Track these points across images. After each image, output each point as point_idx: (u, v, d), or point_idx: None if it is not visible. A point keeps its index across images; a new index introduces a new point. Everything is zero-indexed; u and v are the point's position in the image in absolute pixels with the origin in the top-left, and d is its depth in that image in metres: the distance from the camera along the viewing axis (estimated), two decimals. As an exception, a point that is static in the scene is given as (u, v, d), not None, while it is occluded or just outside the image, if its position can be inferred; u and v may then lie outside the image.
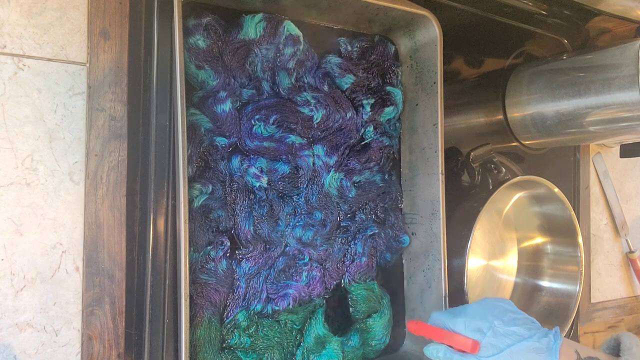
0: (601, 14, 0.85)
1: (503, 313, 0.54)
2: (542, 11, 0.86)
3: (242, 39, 0.58)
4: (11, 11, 0.50)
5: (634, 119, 0.67)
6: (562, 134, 0.77)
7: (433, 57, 0.66)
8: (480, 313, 0.54)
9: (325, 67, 0.64)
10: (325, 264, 0.64)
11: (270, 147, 0.60)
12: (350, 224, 0.66)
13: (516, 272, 0.90)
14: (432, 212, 0.66)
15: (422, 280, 0.68)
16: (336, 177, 0.64)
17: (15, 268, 0.49)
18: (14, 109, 0.49)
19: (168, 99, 0.51)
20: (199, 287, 0.55)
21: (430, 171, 0.67)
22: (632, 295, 1.13)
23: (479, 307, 0.55)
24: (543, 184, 0.79)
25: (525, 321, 0.54)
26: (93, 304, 0.52)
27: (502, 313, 0.54)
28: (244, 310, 0.57)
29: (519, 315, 0.54)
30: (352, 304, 0.66)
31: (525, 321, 0.54)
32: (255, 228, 0.59)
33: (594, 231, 1.05)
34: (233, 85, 0.57)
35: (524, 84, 0.79)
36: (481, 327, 0.53)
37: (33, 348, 0.50)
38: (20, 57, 0.50)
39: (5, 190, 0.49)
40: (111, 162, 0.53)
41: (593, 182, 1.05)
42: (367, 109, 0.66)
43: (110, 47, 0.53)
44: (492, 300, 0.57)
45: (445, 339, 0.54)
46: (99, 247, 0.52)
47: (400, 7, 0.62)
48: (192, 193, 0.54)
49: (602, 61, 0.69)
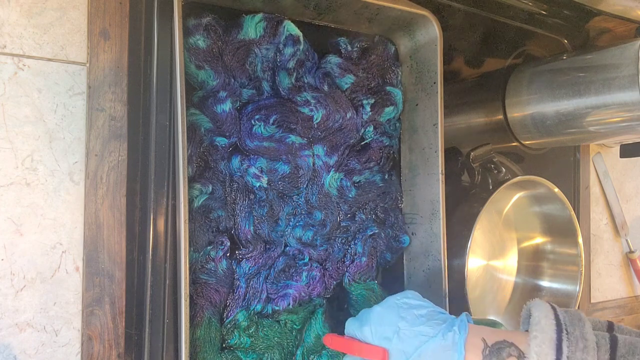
0: (601, 14, 0.85)
1: (407, 312, 0.51)
2: (542, 11, 0.86)
3: (242, 39, 0.58)
4: (11, 11, 0.50)
5: (634, 119, 0.67)
6: (562, 134, 0.77)
7: (433, 57, 0.66)
8: (384, 316, 0.52)
9: (325, 67, 0.64)
10: (325, 264, 0.64)
11: (270, 147, 0.59)
12: (350, 224, 0.66)
13: (516, 272, 0.90)
14: (432, 212, 0.66)
15: (422, 280, 0.68)
16: (336, 177, 0.64)
17: (15, 268, 0.49)
18: (14, 109, 0.49)
19: (168, 99, 0.51)
20: (199, 287, 0.55)
21: (430, 171, 0.67)
22: (632, 295, 1.13)
23: (382, 310, 0.52)
24: (543, 184, 0.79)
25: (430, 316, 0.51)
26: (93, 304, 0.52)
27: (407, 312, 0.51)
28: (244, 310, 0.57)
29: (423, 311, 0.51)
30: (352, 304, 0.66)
31: (430, 316, 0.51)
32: (255, 228, 0.59)
33: (594, 231, 1.05)
34: (233, 85, 0.57)
35: (524, 84, 0.79)
36: (387, 333, 0.50)
37: (33, 348, 0.50)
38: (20, 57, 0.50)
39: (5, 190, 0.49)
40: (111, 162, 0.53)
41: (593, 182, 1.05)
42: (367, 109, 0.66)
43: (110, 47, 0.53)
44: (395, 299, 0.54)
45: (356, 351, 0.52)
46: (99, 247, 0.52)
47: (400, 7, 0.62)
48: (192, 193, 0.54)
49: (602, 61, 0.69)
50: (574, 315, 0.47)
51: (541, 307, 0.48)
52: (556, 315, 0.46)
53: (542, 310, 0.47)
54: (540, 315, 0.46)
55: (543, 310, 0.47)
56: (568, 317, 0.46)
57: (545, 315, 0.46)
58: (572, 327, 0.45)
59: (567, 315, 0.47)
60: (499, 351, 0.46)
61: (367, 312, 0.54)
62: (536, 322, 0.46)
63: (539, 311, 0.47)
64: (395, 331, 0.50)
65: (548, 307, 0.48)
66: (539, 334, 0.44)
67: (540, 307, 0.48)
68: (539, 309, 0.47)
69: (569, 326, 0.45)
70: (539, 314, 0.47)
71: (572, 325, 0.45)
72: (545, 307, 0.47)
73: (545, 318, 0.46)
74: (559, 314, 0.46)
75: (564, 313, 0.47)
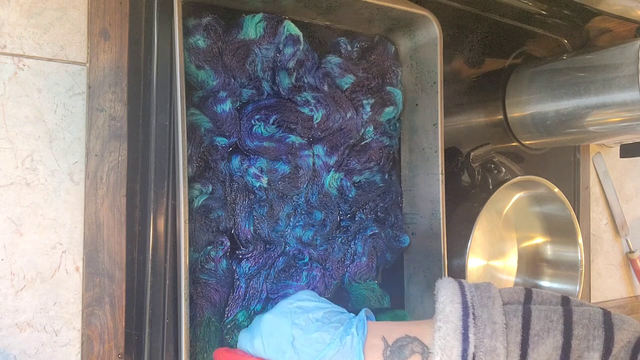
0: (601, 14, 0.84)
1: (301, 317, 0.46)
2: (542, 11, 0.86)
3: (242, 39, 0.58)
4: (11, 11, 0.50)
5: (634, 119, 0.67)
6: (562, 134, 0.77)
7: (433, 57, 0.66)
8: (276, 325, 0.46)
9: (325, 67, 0.64)
10: (325, 264, 0.64)
11: (270, 147, 0.60)
12: (350, 224, 0.66)
13: (516, 272, 0.90)
14: (432, 212, 0.66)
15: (422, 280, 0.68)
16: (336, 177, 0.64)
17: (15, 268, 0.49)
18: (14, 109, 0.49)
19: (168, 99, 0.51)
20: (199, 287, 0.55)
21: (430, 171, 0.67)
22: (632, 295, 1.13)
23: (274, 318, 0.47)
24: (543, 184, 0.79)
25: (326, 319, 0.46)
26: (93, 304, 0.52)
27: (300, 317, 0.46)
28: (244, 310, 0.57)
29: (319, 314, 0.46)
30: (352, 304, 0.66)
31: (326, 319, 0.46)
32: (255, 228, 0.59)
33: (594, 231, 1.05)
34: (233, 85, 0.58)
35: (524, 84, 0.79)
36: (280, 345, 0.45)
37: (33, 348, 0.50)
38: (20, 57, 0.50)
39: (5, 190, 0.49)
40: (111, 162, 0.53)
41: (593, 182, 1.05)
42: (367, 109, 0.66)
43: (110, 47, 0.53)
44: (287, 302, 0.49)
45: None
46: (99, 247, 0.52)
47: (400, 7, 0.62)
48: (192, 193, 0.54)
49: (602, 61, 0.69)
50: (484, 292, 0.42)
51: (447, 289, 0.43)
52: (463, 296, 0.42)
53: (447, 294, 0.42)
54: (445, 300, 0.42)
55: (449, 294, 0.42)
56: (477, 297, 0.42)
57: (451, 300, 0.41)
58: (481, 309, 0.40)
59: (477, 293, 0.42)
60: (400, 349, 0.42)
61: (258, 321, 0.48)
62: (440, 310, 0.41)
63: (444, 295, 0.42)
64: (289, 342, 0.45)
65: (455, 287, 0.43)
66: (444, 324, 0.40)
67: (446, 288, 0.43)
68: (444, 292, 0.42)
69: (477, 308, 0.40)
70: (444, 299, 0.42)
71: (481, 306, 0.41)
72: (451, 289, 0.42)
73: (451, 303, 0.41)
74: (467, 294, 0.42)
75: (474, 290, 0.42)
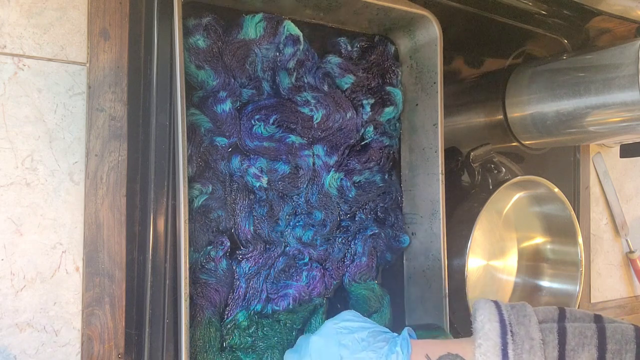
0: (601, 14, 0.84)
1: (348, 337, 0.49)
2: (542, 11, 0.86)
3: (242, 39, 0.58)
4: (11, 11, 0.50)
5: (634, 119, 0.67)
6: (562, 134, 0.77)
7: (433, 57, 0.66)
8: (324, 346, 0.49)
9: (325, 67, 0.64)
10: (325, 264, 0.64)
11: (270, 147, 0.59)
12: (350, 224, 0.66)
13: (516, 272, 0.90)
14: (432, 212, 0.66)
15: (422, 280, 0.68)
16: (336, 177, 0.64)
17: (15, 268, 0.49)
18: (14, 109, 0.49)
19: (168, 99, 0.51)
20: (199, 287, 0.55)
21: (430, 171, 0.67)
22: (632, 295, 1.13)
23: (321, 340, 0.50)
24: (543, 184, 0.79)
25: (371, 339, 0.49)
26: (93, 304, 0.52)
27: (347, 338, 0.49)
28: (244, 310, 0.57)
29: (364, 334, 0.49)
30: (352, 304, 0.66)
31: (371, 339, 0.49)
32: (255, 228, 0.59)
33: (594, 231, 1.05)
34: (233, 85, 0.57)
35: (524, 84, 0.79)
36: None
37: (33, 348, 0.50)
38: (20, 57, 0.50)
39: (5, 190, 0.49)
40: (111, 162, 0.53)
41: (593, 182, 1.05)
42: (367, 109, 0.66)
43: (110, 47, 0.53)
44: (333, 324, 0.51)
45: None
46: (99, 247, 0.52)
47: (400, 7, 0.62)
48: (192, 193, 0.54)
49: (602, 61, 0.69)
50: (519, 311, 0.45)
51: (484, 309, 0.45)
52: (500, 315, 0.44)
53: (485, 313, 0.45)
54: (483, 319, 0.44)
55: (487, 312, 0.45)
56: (514, 315, 0.44)
57: (489, 319, 0.44)
58: (518, 327, 0.43)
59: (513, 312, 0.45)
60: None
61: (305, 343, 0.51)
62: (480, 328, 0.44)
63: (482, 315, 0.45)
64: None
65: (492, 307, 0.45)
66: (484, 341, 0.43)
67: (484, 309, 0.46)
68: (482, 311, 0.45)
69: (515, 326, 0.43)
70: (482, 318, 0.45)
71: (517, 324, 0.43)
72: (488, 309, 0.45)
73: (489, 322, 0.44)
74: (504, 313, 0.45)
75: (510, 310, 0.45)
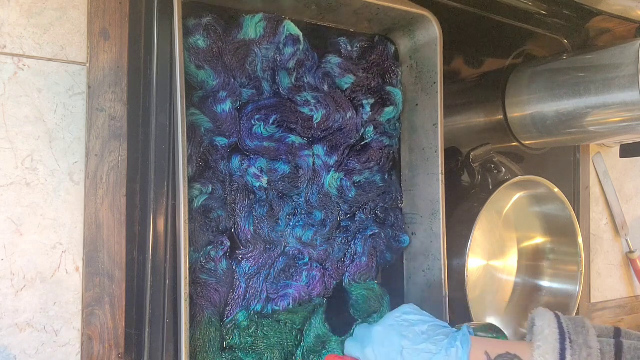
0: (601, 14, 0.85)
1: (409, 330, 0.51)
2: (542, 11, 0.86)
3: (242, 39, 0.58)
4: (11, 11, 0.50)
5: (634, 119, 0.67)
6: (562, 134, 0.77)
7: (433, 57, 0.66)
8: (386, 336, 0.51)
9: (325, 67, 0.64)
10: (325, 264, 0.64)
11: (270, 147, 0.59)
12: (350, 224, 0.66)
13: (516, 272, 0.90)
14: (432, 212, 0.66)
15: (422, 280, 0.68)
16: (336, 177, 0.64)
17: (15, 268, 0.49)
18: (14, 109, 0.49)
19: (168, 99, 0.51)
20: (199, 287, 0.55)
21: (430, 171, 0.67)
22: (632, 295, 1.13)
23: (383, 330, 0.52)
24: (543, 184, 0.80)
25: (432, 332, 0.50)
26: (93, 304, 0.52)
27: (408, 330, 0.51)
28: (244, 310, 0.57)
29: (425, 327, 0.51)
30: (352, 304, 0.66)
31: (432, 332, 0.50)
32: (255, 228, 0.59)
33: (594, 231, 1.05)
34: (233, 85, 0.57)
35: (524, 84, 0.79)
36: (390, 354, 0.49)
37: (33, 348, 0.50)
38: (20, 57, 0.50)
39: (5, 190, 0.49)
40: (111, 162, 0.53)
41: (593, 182, 1.05)
42: (367, 109, 0.66)
43: (110, 47, 0.53)
44: (394, 316, 0.53)
45: None
46: (99, 247, 0.52)
47: (400, 7, 0.62)
48: (192, 193, 0.54)
49: (602, 61, 0.69)
50: (577, 322, 0.46)
51: (544, 316, 0.47)
52: (560, 323, 0.46)
53: (545, 319, 0.47)
54: (543, 324, 0.46)
55: (546, 319, 0.47)
56: (572, 325, 0.46)
57: (549, 325, 0.46)
58: (576, 335, 0.45)
59: (571, 322, 0.46)
60: None
61: (368, 332, 0.53)
62: (539, 332, 0.46)
63: (542, 320, 0.47)
64: (399, 351, 0.49)
65: (551, 315, 0.47)
66: (543, 344, 0.44)
67: (544, 316, 0.48)
68: (542, 318, 0.47)
69: (573, 334, 0.45)
70: (542, 323, 0.46)
71: (575, 333, 0.45)
72: (548, 316, 0.47)
73: (549, 327, 0.46)
74: (563, 322, 0.46)
75: (568, 321, 0.47)
